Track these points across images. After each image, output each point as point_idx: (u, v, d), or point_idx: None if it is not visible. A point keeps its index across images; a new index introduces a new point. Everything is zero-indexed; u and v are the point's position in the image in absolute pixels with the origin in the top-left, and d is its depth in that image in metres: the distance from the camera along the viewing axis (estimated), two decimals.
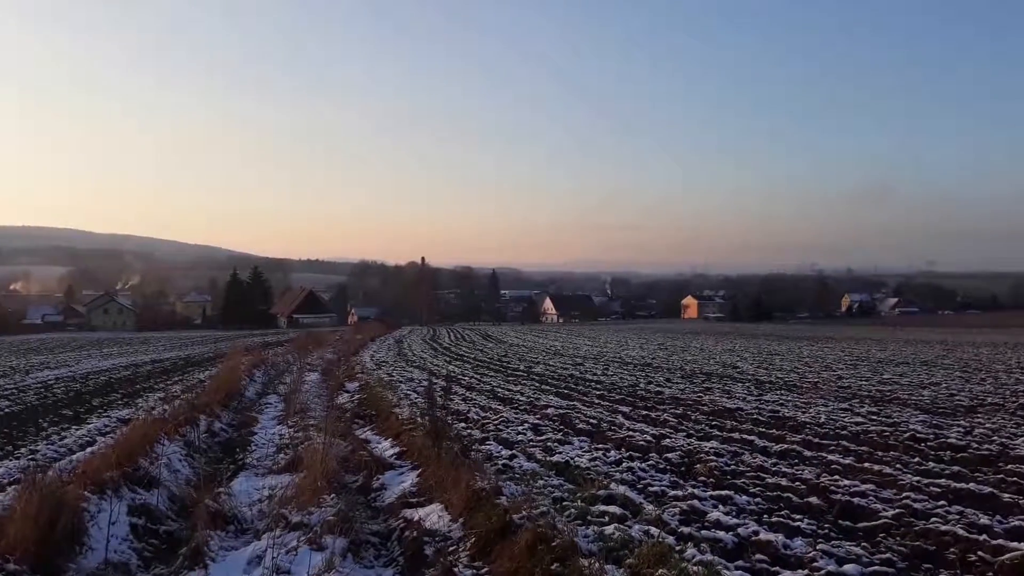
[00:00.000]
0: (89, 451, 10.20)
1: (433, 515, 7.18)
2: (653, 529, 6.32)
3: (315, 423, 12.52)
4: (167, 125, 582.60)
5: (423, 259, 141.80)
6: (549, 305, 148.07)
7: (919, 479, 8.49)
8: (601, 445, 10.99)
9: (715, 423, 13.15)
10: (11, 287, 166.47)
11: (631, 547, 5.79)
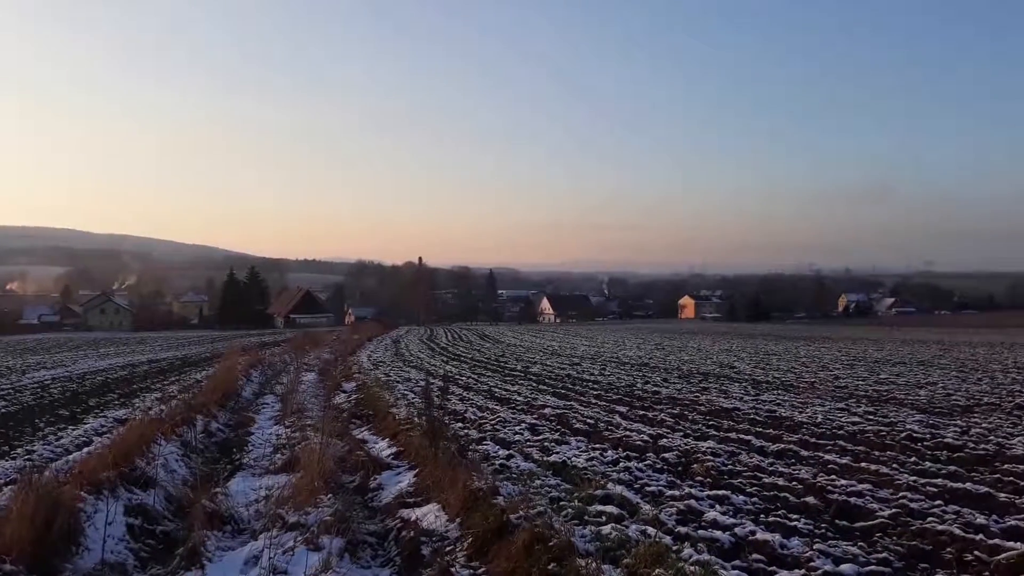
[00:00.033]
0: (86, 451, 10.17)
1: (430, 515, 7.17)
2: (650, 529, 6.33)
3: (312, 423, 12.51)
4: (164, 125, 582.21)
5: (420, 259, 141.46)
6: (546, 305, 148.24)
7: (916, 479, 8.50)
8: (598, 445, 10.99)
9: (712, 423, 13.15)
10: (7, 287, 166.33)
11: (628, 547, 5.79)
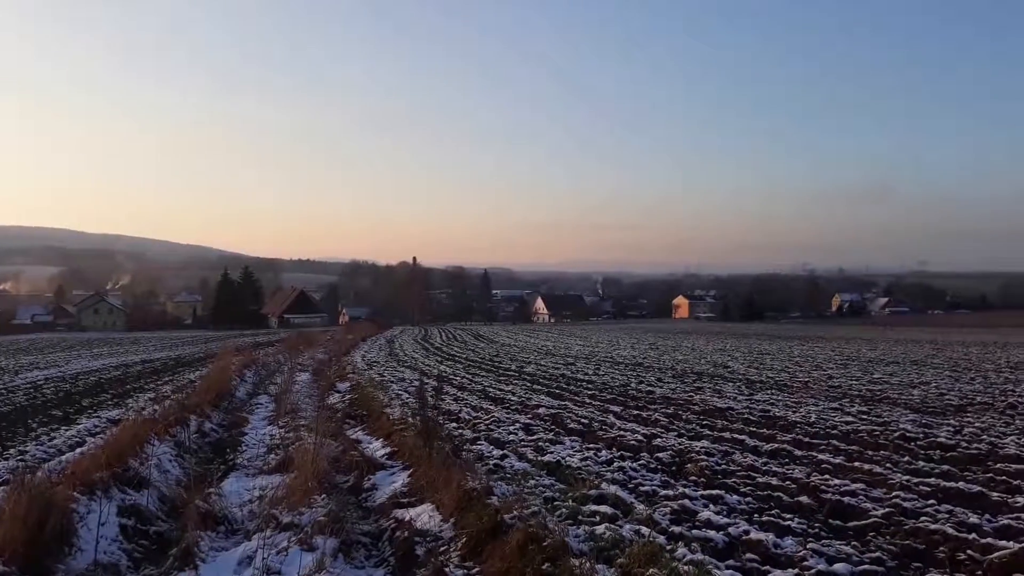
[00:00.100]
0: (79, 452, 10.11)
1: (424, 515, 7.17)
2: (644, 529, 6.33)
3: (306, 423, 12.48)
4: (162, 125, 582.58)
5: (414, 259, 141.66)
6: (541, 305, 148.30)
7: (909, 478, 8.54)
8: (592, 445, 11.00)
9: (706, 423, 13.18)
10: (1, 287, 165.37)
11: (622, 547, 5.79)
